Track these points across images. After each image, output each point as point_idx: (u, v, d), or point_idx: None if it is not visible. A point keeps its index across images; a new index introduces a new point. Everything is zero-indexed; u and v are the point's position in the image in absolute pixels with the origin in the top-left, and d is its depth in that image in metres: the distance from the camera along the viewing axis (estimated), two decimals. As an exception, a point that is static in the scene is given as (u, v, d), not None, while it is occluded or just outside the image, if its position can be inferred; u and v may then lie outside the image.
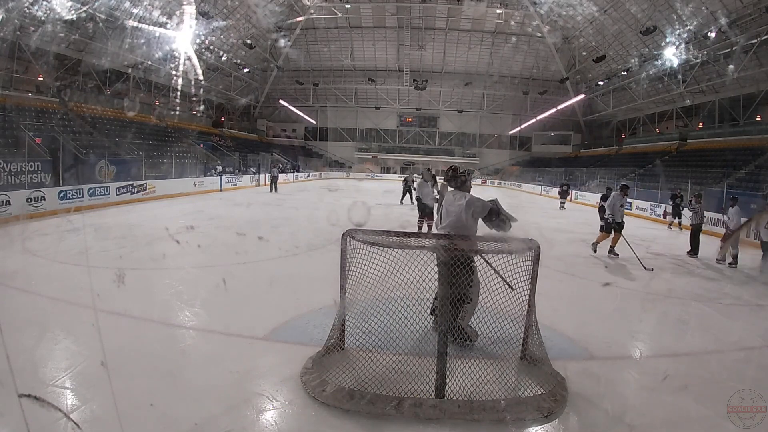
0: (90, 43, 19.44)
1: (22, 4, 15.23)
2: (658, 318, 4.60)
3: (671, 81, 23.20)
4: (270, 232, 8.85)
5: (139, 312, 3.99)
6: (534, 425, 2.58)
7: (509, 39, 30.06)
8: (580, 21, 25.70)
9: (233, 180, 21.14)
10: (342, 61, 33.41)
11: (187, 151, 22.24)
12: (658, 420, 2.68)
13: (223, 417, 2.52)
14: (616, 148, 29.66)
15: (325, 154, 38.19)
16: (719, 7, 17.94)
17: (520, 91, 33.55)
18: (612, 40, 25.28)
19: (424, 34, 31.10)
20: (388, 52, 33.07)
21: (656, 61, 22.72)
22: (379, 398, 2.68)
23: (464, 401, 2.69)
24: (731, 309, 5.00)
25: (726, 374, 3.29)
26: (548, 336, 3.54)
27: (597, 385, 3.04)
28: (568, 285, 5.70)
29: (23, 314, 3.86)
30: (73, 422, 2.36)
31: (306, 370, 2.98)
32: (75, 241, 7.29)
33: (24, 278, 4.93)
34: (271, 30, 29.07)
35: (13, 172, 10.03)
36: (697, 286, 6.01)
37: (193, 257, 6.47)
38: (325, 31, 31.58)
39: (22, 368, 2.71)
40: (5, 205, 8.93)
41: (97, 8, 17.89)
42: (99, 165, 13.18)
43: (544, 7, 25.60)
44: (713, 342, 4.00)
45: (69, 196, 10.83)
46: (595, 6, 23.25)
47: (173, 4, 20.27)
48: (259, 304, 4.47)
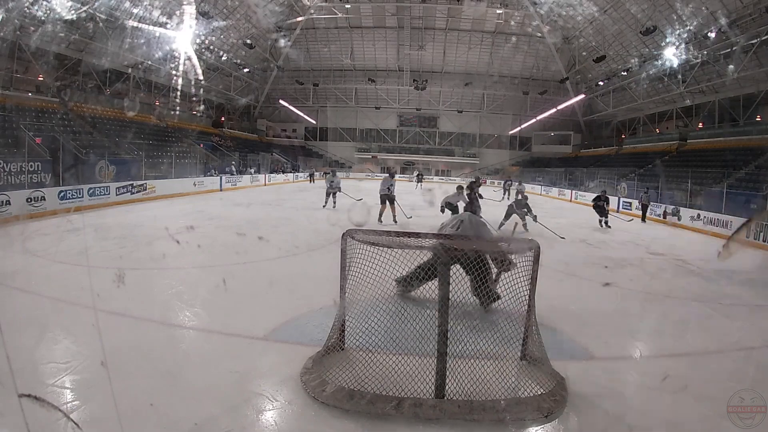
0: (90, 43, 19.42)
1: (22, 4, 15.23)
2: (658, 318, 4.60)
3: (671, 81, 23.19)
4: (270, 232, 8.84)
5: (139, 312, 3.99)
6: (534, 425, 2.58)
7: (509, 39, 30.03)
8: (580, 21, 25.69)
9: (233, 180, 21.16)
10: (342, 61, 33.39)
11: (187, 151, 22.24)
12: (658, 420, 2.68)
13: (223, 417, 2.52)
14: (616, 148, 29.65)
15: (325, 154, 38.18)
16: (719, 7, 17.93)
17: (520, 91, 33.54)
18: (612, 40, 25.27)
19: (424, 34, 31.09)
20: (388, 52, 33.06)
21: (656, 61, 22.69)
22: (379, 398, 2.68)
23: (464, 401, 2.69)
24: (731, 309, 4.99)
25: (726, 374, 3.29)
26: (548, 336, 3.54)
27: (597, 385, 3.04)
28: (568, 285, 5.70)
29: (23, 314, 3.86)
30: (73, 422, 2.36)
31: (306, 370, 2.98)
32: (75, 241, 7.29)
33: (24, 278, 4.94)
34: (271, 30, 29.05)
35: (13, 172, 10.03)
36: (697, 286, 6.02)
37: (193, 257, 6.47)
38: (325, 31, 31.57)
39: (22, 368, 2.71)
40: (5, 205, 8.93)
41: (97, 8, 17.88)
42: (99, 165, 13.18)
43: (544, 7, 25.58)
44: (713, 342, 4.00)
45: (69, 196, 10.83)
46: (595, 6, 23.24)
47: (173, 4, 20.26)
48: (259, 304, 4.47)
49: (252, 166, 26.09)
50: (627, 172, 22.06)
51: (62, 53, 19.04)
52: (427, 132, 38.38)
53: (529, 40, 30.00)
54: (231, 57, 28.39)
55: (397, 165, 38.11)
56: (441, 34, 31.09)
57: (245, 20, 26.78)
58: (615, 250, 8.34)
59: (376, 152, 37.82)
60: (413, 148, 38.13)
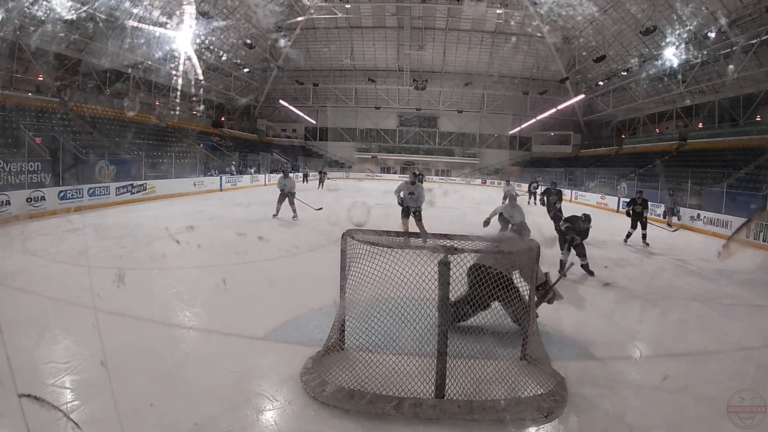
0: (90, 43, 19.42)
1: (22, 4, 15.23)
2: (658, 318, 4.60)
3: (671, 81, 23.18)
4: (270, 232, 8.84)
5: (139, 312, 3.99)
6: (534, 425, 2.58)
7: (509, 39, 30.03)
8: (580, 21, 25.68)
9: (233, 180, 21.16)
10: (342, 61, 33.38)
11: (187, 151, 22.24)
12: (658, 420, 2.68)
13: (223, 417, 2.52)
14: (616, 148, 29.64)
15: (325, 154, 38.18)
16: (719, 7, 17.93)
17: (520, 91, 33.53)
18: (612, 40, 25.26)
19: (424, 34, 31.08)
20: (388, 52, 33.05)
21: (656, 61, 22.69)
22: (379, 398, 2.68)
23: (464, 401, 2.69)
24: (731, 309, 4.99)
25: (726, 374, 3.29)
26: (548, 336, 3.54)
27: (597, 385, 3.04)
28: (568, 285, 5.69)
29: (23, 314, 3.86)
30: (73, 422, 2.36)
31: (306, 370, 2.98)
32: (75, 241, 7.29)
33: (24, 278, 4.94)
34: (271, 30, 29.05)
35: (13, 172, 10.03)
36: (697, 286, 6.01)
37: (193, 257, 6.47)
38: (325, 31, 31.56)
39: (22, 368, 2.71)
40: (5, 205, 8.92)
41: (97, 8, 17.88)
42: (99, 165, 13.18)
43: (544, 7, 25.57)
44: (713, 342, 4.00)
45: (69, 196, 10.83)
46: (595, 6, 23.23)
47: (173, 4, 20.26)
48: (259, 304, 4.47)
49: (252, 166, 26.10)
50: (627, 172, 22.05)
51: (62, 53, 19.04)
52: (427, 132, 38.38)
53: (529, 40, 30.00)
54: (231, 57, 28.39)
55: (397, 165, 38.18)
56: (441, 34, 31.09)
57: (245, 20, 26.78)
58: (615, 250, 8.33)
59: (376, 152, 37.82)
60: (413, 148, 38.14)
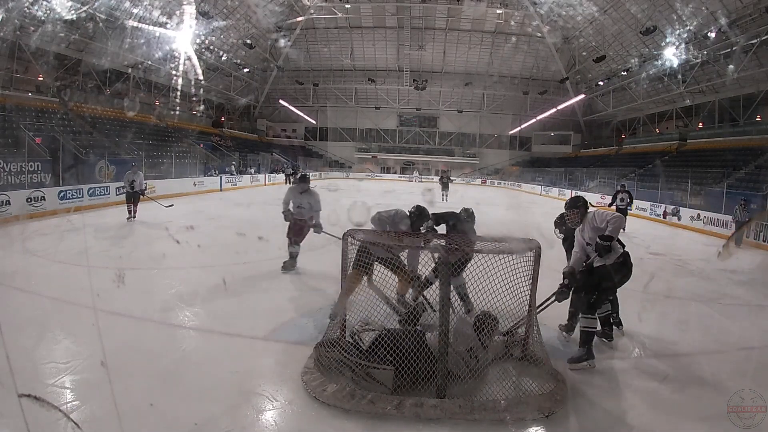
0: (90, 43, 19.42)
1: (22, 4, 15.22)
2: (658, 318, 4.59)
3: (671, 81, 23.17)
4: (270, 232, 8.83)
5: (139, 312, 3.99)
6: (534, 425, 2.58)
7: (509, 39, 30.02)
8: (580, 21, 25.68)
9: (233, 180, 21.16)
10: (342, 61, 33.37)
11: (187, 151, 22.22)
12: (658, 420, 2.68)
13: (223, 417, 2.52)
14: (616, 148, 29.63)
15: (325, 154, 38.17)
16: (719, 7, 17.93)
17: (520, 91, 33.52)
18: (612, 40, 25.26)
19: (424, 34, 31.07)
20: (388, 52, 33.05)
21: (656, 61, 22.69)
22: (379, 398, 2.68)
23: (465, 401, 2.69)
24: (731, 309, 4.99)
25: (726, 374, 3.29)
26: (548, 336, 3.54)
27: (597, 385, 3.04)
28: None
29: (23, 314, 3.85)
30: (73, 422, 2.36)
31: (306, 370, 2.98)
32: (75, 241, 7.28)
33: (24, 278, 4.93)
34: (271, 30, 29.04)
35: (13, 172, 10.02)
36: (697, 286, 6.01)
37: (193, 257, 6.47)
38: (325, 31, 31.55)
39: (22, 368, 2.70)
40: (5, 205, 8.92)
41: (97, 8, 17.87)
42: (99, 165, 13.17)
43: (544, 7, 25.57)
44: (713, 342, 4.00)
45: (69, 196, 10.83)
46: (595, 6, 23.23)
47: (173, 4, 20.26)
48: (259, 304, 4.47)
49: (252, 166, 26.10)
50: (627, 172, 22.05)
51: (62, 53, 19.03)
52: (427, 132, 38.37)
53: (529, 40, 29.99)
54: (231, 57, 28.39)
55: (398, 165, 38.18)
56: (441, 34, 31.08)
57: (245, 20, 26.77)
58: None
59: (376, 152, 37.82)
60: (413, 148, 38.13)
